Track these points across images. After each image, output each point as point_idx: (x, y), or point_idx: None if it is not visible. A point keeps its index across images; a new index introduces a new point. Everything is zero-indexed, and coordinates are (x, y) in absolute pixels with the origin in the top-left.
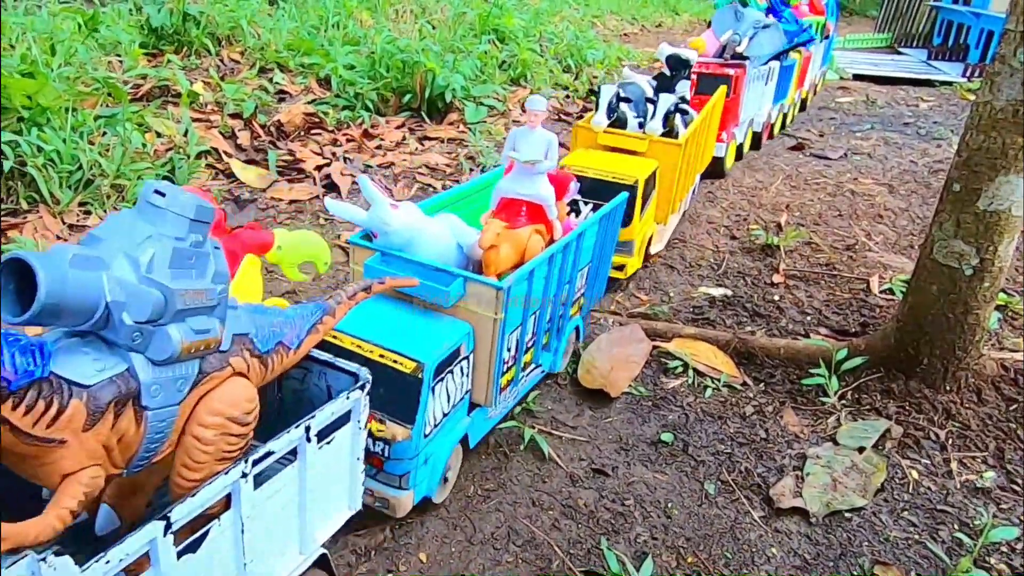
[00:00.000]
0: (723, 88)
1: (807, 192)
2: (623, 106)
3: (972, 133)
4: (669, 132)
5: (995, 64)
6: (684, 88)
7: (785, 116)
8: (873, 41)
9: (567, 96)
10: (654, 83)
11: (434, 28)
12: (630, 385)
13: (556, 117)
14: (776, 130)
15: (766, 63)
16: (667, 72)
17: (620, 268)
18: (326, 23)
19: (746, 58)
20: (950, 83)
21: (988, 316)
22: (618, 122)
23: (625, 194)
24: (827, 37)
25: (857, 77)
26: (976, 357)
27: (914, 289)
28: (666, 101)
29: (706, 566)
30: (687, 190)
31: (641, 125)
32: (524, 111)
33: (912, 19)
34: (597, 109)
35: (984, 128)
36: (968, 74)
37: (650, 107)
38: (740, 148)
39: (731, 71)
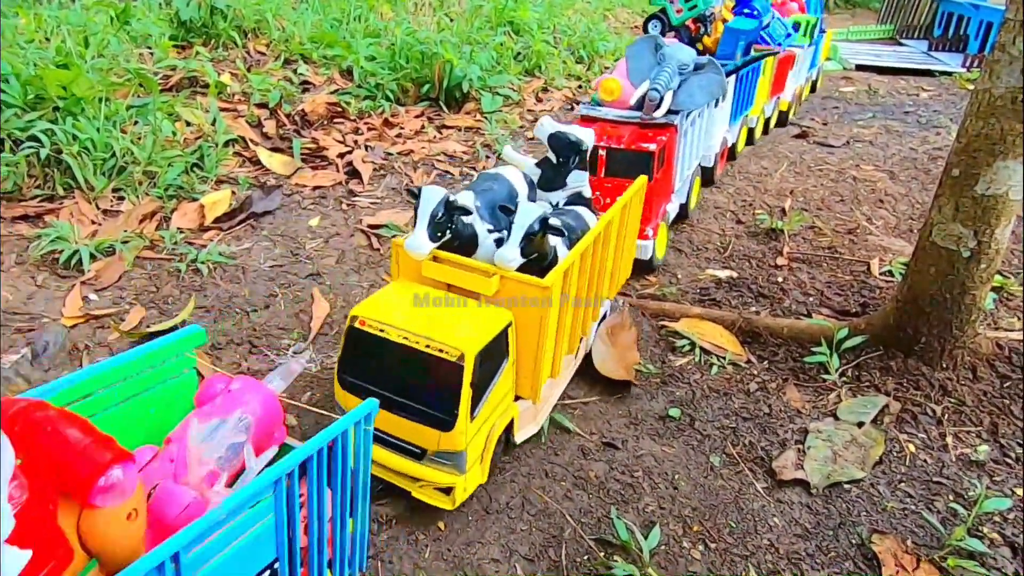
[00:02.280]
0: (641, 179)
1: (811, 178)
2: (470, 217)
3: (971, 120)
4: (539, 259)
5: (995, 52)
6: (579, 181)
7: (751, 131)
8: (876, 32)
9: (579, 87)
10: (537, 172)
11: (452, 20)
12: (638, 363)
13: (569, 107)
14: (740, 147)
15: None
16: (553, 159)
17: (447, 491)
18: (348, 16)
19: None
20: (950, 73)
21: (984, 297)
22: (460, 241)
23: (373, 402)
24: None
25: (860, 67)
26: (972, 336)
27: (913, 271)
28: (527, 215)
29: (711, 534)
30: (585, 331)
31: (501, 244)
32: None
33: (914, 11)
34: (416, 223)
35: (983, 115)
36: (967, 64)
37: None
38: (685, 207)
39: (651, 145)
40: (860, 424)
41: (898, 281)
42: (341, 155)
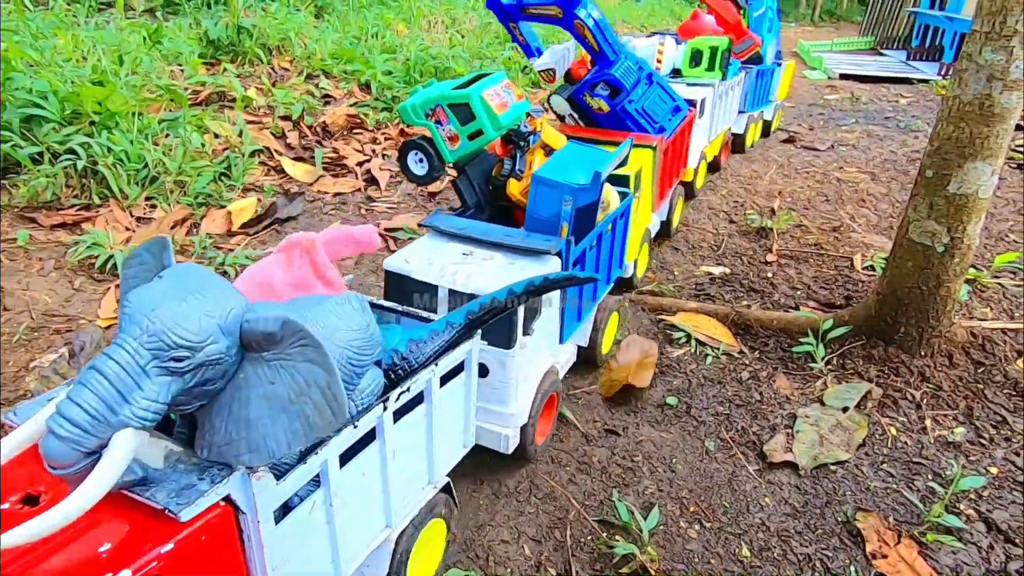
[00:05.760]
0: None
1: (798, 180)
2: None
3: (943, 124)
4: None
5: (962, 61)
6: None
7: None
8: (858, 44)
9: None
10: None
11: (463, 37)
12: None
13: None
14: (608, 344)
15: None
16: None
17: None
18: (366, 34)
19: None
20: (927, 81)
21: (958, 289)
22: None
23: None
24: (752, 61)
25: (843, 76)
26: (948, 326)
27: (892, 265)
28: None
29: (706, 514)
30: None
31: None
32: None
33: (893, 23)
34: None
35: (953, 119)
36: (943, 72)
37: None
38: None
39: None
40: (845, 409)
41: (879, 275)
42: (360, 163)
